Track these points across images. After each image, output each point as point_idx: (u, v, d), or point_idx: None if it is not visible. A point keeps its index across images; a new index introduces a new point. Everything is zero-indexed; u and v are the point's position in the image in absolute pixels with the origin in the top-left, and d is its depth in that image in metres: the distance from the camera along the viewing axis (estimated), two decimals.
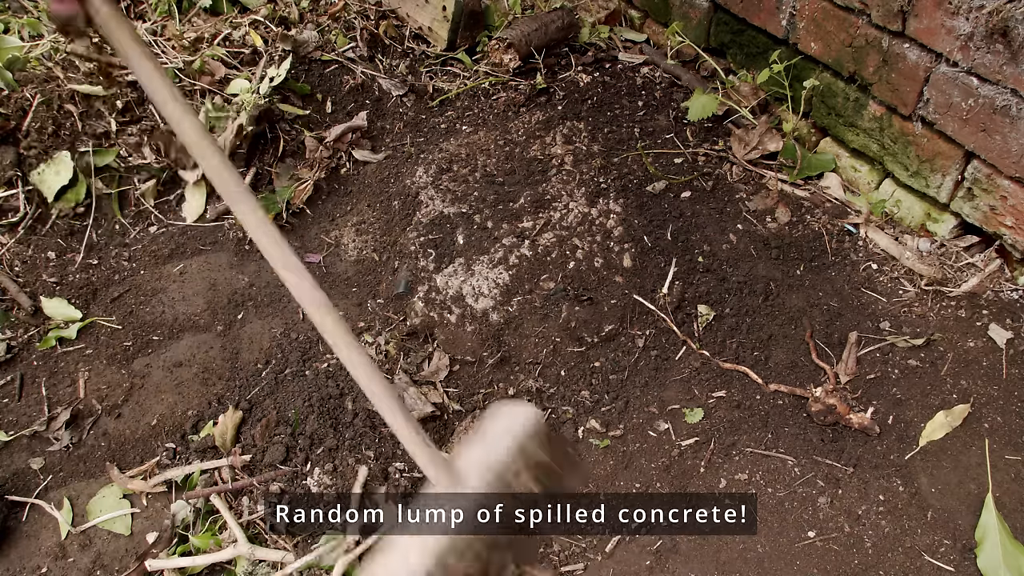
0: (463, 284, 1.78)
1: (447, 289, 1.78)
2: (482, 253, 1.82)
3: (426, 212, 1.94)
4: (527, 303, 1.74)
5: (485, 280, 1.77)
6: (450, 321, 1.75)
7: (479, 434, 0.99)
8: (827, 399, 1.60)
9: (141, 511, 1.52)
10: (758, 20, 2.18)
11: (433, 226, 1.91)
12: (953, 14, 1.68)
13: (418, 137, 2.23)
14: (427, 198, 1.97)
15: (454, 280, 1.78)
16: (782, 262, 1.94)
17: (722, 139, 2.23)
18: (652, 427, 1.66)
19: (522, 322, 1.74)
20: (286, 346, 1.75)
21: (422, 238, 1.88)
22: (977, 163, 1.79)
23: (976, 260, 1.90)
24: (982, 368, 1.71)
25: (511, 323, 1.74)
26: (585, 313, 1.75)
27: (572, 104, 2.30)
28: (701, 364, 1.75)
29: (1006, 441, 1.58)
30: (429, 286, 1.80)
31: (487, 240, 1.84)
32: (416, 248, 1.87)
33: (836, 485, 1.54)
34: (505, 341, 1.73)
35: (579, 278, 1.80)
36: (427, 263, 1.83)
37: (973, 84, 1.71)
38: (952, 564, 1.42)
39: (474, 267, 1.80)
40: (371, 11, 2.53)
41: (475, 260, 1.81)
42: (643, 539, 1.47)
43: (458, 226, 1.88)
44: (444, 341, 1.75)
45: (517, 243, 1.82)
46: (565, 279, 1.78)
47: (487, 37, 2.48)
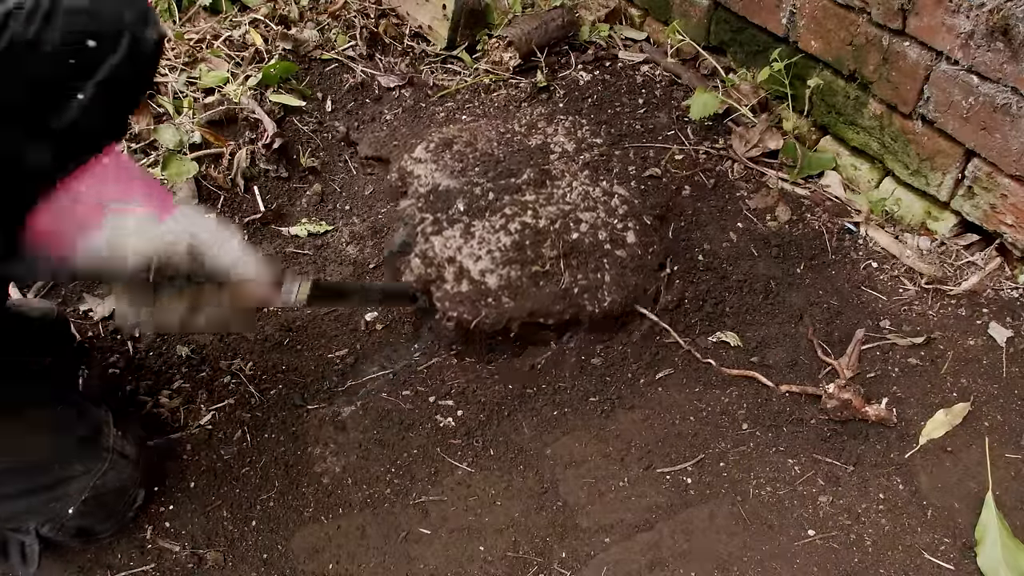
0: (462, 247, 1.76)
1: (445, 251, 1.76)
2: (483, 219, 1.80)
3: (424, 183, 1.92)
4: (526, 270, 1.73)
5: (485, 244, 1.75)
6: (447, 280, 1.73)
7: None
8: (841, 394, 1.60)
9: None
10: (758, 18, 2.17)
11: (432, 195, 1.89)
12: (953, 12, 1.67)
13: (416, 125, 2.23)
14: (426, 172, 1.95)
15: (452, 243, 1.76)
16: (782, 260, 1.94)
17: (723, 137, 2.23)
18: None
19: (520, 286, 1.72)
20: None
21: (421, 203, 1.87)
22: (977, 161, 1.79)
23: (976, 258, 1.90)
24: (982, 366, 1.71)
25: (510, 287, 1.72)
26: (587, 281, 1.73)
27: (573, 102, 2.30)
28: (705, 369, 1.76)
29: (1006, 439, 1.59)
30: (427, 247, 1.78)
31: (488, 209, 1.83)
32: (416, 214, 1.85)
33: (836, 483, 1.54)
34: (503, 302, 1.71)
35: (581, 249, 1.78)
36: (426, 226, 1.81)
37: (973, 82, 1.71)
38: (952, 562, 1.42)
39: (474, 231, 1.78)
40: (371, 9, 2.52)
41: (475, 226, 1.79)
42: (642, 537, 1.47)
43: (458, 196, 1.86)
44: (440, 298, 1.73)
45: (519, 212, 1.81)
46: (566, 245, 1.76)
47: (487, 35, 2.48)
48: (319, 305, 1.80)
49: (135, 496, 1.43)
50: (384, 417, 1.65)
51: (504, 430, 1.64)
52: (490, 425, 1.65)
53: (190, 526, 1.47)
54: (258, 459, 1.57)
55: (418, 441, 1.62)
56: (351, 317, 1.84)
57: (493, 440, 1.62)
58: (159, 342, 1.76)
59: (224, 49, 2.30)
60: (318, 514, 1.50)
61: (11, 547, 1.34)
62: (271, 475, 1.55)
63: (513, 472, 1.57)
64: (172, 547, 1.44)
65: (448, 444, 1.61)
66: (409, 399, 1.69)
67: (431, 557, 1.44)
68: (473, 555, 1.45)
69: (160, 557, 1.43)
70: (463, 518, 1.50)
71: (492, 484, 1.55)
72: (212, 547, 1.45)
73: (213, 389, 1.68)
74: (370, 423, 1.64)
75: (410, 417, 1.66)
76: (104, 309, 1.80)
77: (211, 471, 1.55)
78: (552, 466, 1.58)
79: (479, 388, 1.71)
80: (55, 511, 1.30)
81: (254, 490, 1.53)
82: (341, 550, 1.45)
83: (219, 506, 1.50)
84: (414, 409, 1.67)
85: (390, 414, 1.66)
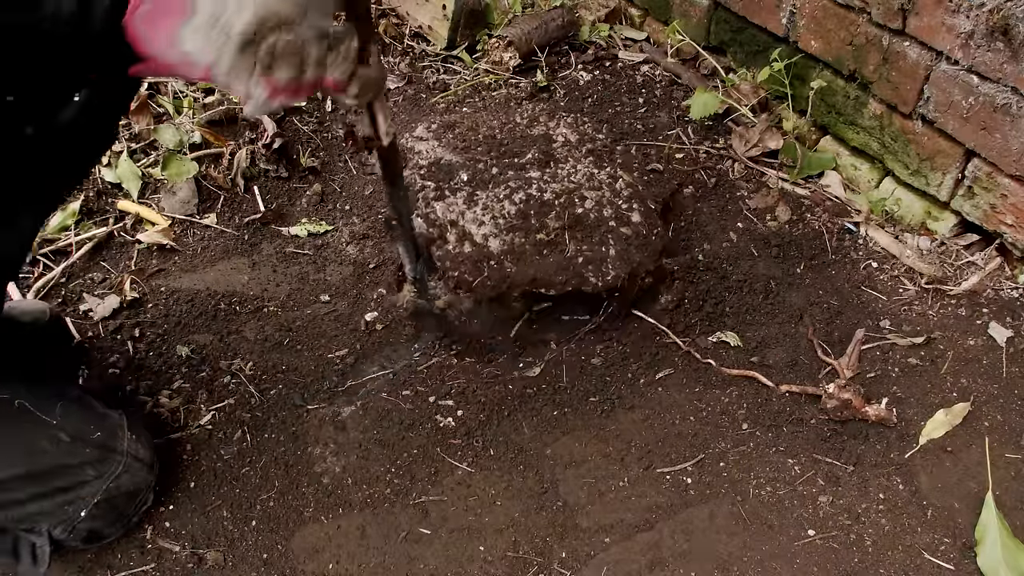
0: (465, 211, 1.74)
1: (447, 214, 1.74)
2: (486, 190, 1.78)
3: (426, 157, 1.90)
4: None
5: (489, 211, 1.74)
6: (449, 241, 1.71)
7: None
8: (841, 394, 1.60)
9: None
10: (758, 18, 2.18)
11: (434, 167, 1.87)
12: (953, 12, 1.68)
13: (416, 113, 2.23)
14: (427, 148, 1.93)
15: (455, 208, 1.74)
16: (782, 260, 1.95)
17: (723, 137, 2.23)
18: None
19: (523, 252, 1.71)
20: None
21: (423, 172, 1.85)
22: (977, 161, 1.79)
23: (976, 258, 1.90)
24: (982, 366, 1.71)
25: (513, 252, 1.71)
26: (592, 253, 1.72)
27: (573, 101, 2.30)
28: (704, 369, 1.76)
29: (1006, 439, 1.59)
30: (428, 210, 1.77)
31: (492, 182, 1.81)
32: (416, 180, 1.84)
33: (836, 483, 1.54)
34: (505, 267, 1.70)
35: (587, 223, 1.77)
36: (428, 192, 1.80)
37: (973, 82, 1.71)
38: (952, 562, 1.42)
39: (477, 199, 1.76)
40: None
41: (479, 195, 1.77)
42: (642, 537, 1.47)
43: (461, 169, 1.84)
44: (441, 257, 1.72)
45: (524, 186, 1.79)
46: (571, 218, 1.74)
47: (487, 35, 2.48)
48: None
49: (146, 499, 1.43)
50: (384, 417, 1.65)
51: (504, 430, 1.64)
52: (490, 425, 1.65)
53: (190, 526, 1.47)
54: (258, 459, 1.57)
55: (418, 441, 1.62)
56: (351, 317, 1.84)
57: (493, 440, 1.62)
58: (159, 342, 1.76)
59: None
60: (318, 514, 1.50)
61: (22, 547, 1.33)
62: (271, 475, 1.55)
63: (513, 472, 1.57)
64: (172, 547, 1.44)
65: (448, 444, 1.61)
66: (409, 399, 1.69)
67: (431, 557, 1.44)
68: (473, 555, 1.45)
69: (160, 557, 1.43)
70: (463, 518, 1.50)
71: (492, 484, 1.55)
72: (212, 547, 1.45)
73: (213, 389, 1.68)
74: (370, 423, 1.64)
75: (410, 417, 1.66)
76: (104, 309, 1.80)
77: (211, 471, 1.55)
78: (552, 466, 1.58)
79: (479, 388, 1.71)
80: (68, 514, 1.30)
81: (254, 490, 1.53)
82: (341, 550, 1.45)
83: (219, 506, 1.50)
84: (414, 409, 1.67)
85: (390, 414, 1.66)
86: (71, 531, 1.32)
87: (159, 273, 1.91)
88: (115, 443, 1.35)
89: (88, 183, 1.99)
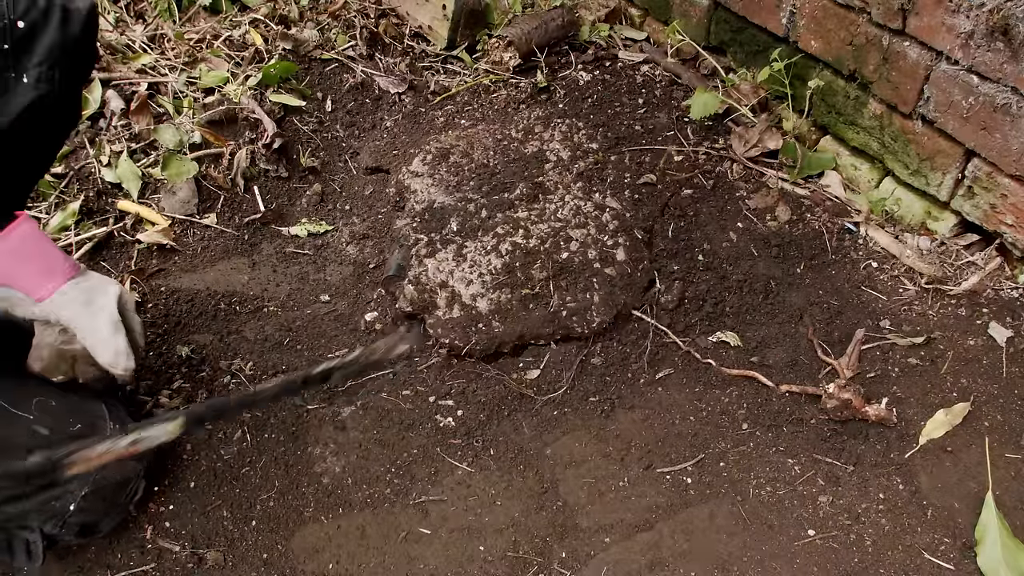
0: (454, 271, 1.77)
1: (437, 275, 1.77)
2: (475, 240, 1.81)
3: (421, 200, 1.93)
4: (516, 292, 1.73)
5: (476, 268, 1.77)
6: (440, 306, 1.74)
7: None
8: (841, 394, 1.60)
9: None
10: (758, 18, 2.18)
11: (427, 213, 1.90)
12: (953, 12, 1.67)
13: (416, 132, 2.23)
14: (423, 187, 1.96)
15: (445, 266, 1.78)
16: (782, 260, 1.95)
17: (723, 137, 2.23)
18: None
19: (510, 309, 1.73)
20: None
21: (416, 223, 1.88)
22: (977, 161, 1.79)
23: (976, 258, 1.90)
24: (982, 366, 1.71)
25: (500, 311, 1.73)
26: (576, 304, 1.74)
27: (573, 102, 2.30)
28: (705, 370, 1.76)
29: (1006, 439, 1.59)
30: (420, 271, 1.79)
31: (481, 228, 1.85)
32: (409, 233, 1.86)
33: (836, 483, 1.54)
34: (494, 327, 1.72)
35: (571, 269, 1.79)
36: (420, 248, 1.82)
37: (973, 82, 1.71)
38: (952, 562, 1.42)
39: (466, 253, 1.80)
40: (371, 9, 2.52)
41: (467, 247, 1.81)
42: (642, 537, 1.47)
43: (452, 214, 1.88)
44: (433, 325, 1.74)
45: (511, 232, 1.82)
46: (555, 266, 1.77)
47: (487, 35, 2.48)
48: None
49: (136, 488, 1.43)
50: (384, 417, 1.65)
51: (504, 430, 1.64)
52: (490, 425, 1.65)
53: (190, 526, 1.47)
54: (258, 459, 1.57)
55: (418, 441, 1.62)
56: (351, 317, 1.84)
57: (493, 440, 1.62)
58: (159, 342, 1.76)
59: (224, 49, 2.30)
60: (318, 514, 1.50)
61: (16, 544, 1.33)
62: (271, 475, 1.55)
63: (513, 472, 1.57)
64: (172, 547, 1.44)
65: (448, 444, 1.61)
66: (409, 399, 1.69)
67: (431, 557, 1.44)
68: (473, 555, 1.45)
69: (160, 557, 1.43)
70: (463, 518, 1.50)
71: (492, 484, 1.56)
72: (212, 547, 1.45)
73: (213, 389, 1.68)
74: (370, 423, 1.64)
75: (410, 417, 1.66)
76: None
77: (211, 471, 1.55)
78: (552, 466, 1.59)
79: (479, 388, 1.71)
80: (56, 509, 1.30)
81: (254, 490, 1.53)
82: (341, 550, 1.45)
83: (219, 506, 1.50)
84: (414, 409, 1.67)
85: (390, 414, 1.66)
86: (62, 525, 1.32)
87: (159, 273, 1.91)
88: (96, 433, 1.35)
89: (88, 183, 1.99)
